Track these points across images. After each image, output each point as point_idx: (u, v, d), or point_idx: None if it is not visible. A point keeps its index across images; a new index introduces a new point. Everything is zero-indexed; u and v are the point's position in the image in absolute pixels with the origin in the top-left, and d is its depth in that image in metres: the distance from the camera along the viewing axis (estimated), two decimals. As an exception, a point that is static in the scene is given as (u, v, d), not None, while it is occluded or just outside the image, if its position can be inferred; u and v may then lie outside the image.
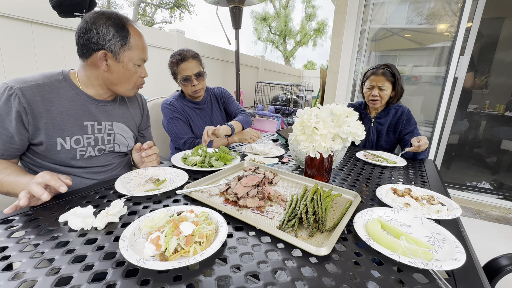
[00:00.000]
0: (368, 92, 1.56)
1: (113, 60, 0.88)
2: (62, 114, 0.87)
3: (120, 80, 0.93)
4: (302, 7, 18.56)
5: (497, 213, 2.52)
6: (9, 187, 0.76)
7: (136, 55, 0.91)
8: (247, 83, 6.33)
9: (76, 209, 0.62)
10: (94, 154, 0.96)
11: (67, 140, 0.88)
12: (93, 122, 0.95)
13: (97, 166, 0.98)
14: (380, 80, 1.50)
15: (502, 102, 2.87)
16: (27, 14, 2.28)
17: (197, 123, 1.55)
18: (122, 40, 0.87)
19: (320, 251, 0.52)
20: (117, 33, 0.85)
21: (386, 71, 1.50)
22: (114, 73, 0.90)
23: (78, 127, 0.91)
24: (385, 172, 1.14)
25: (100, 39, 0.84)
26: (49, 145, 0.86)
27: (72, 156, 0.90)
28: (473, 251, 0.59)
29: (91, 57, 0.87)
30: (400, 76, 1.52)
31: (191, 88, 1.46)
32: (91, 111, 0.95)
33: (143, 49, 0.94)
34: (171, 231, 0.52)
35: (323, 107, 0.92)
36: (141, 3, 13.73)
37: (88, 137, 0.94)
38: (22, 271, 0.46)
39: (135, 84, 0.98)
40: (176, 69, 1.44)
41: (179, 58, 1.42)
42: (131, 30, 0.89)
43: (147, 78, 1.02)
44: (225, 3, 3.47)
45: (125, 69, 0.91)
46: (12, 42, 2.22)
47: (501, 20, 2.91)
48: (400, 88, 1.52)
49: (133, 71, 0.93)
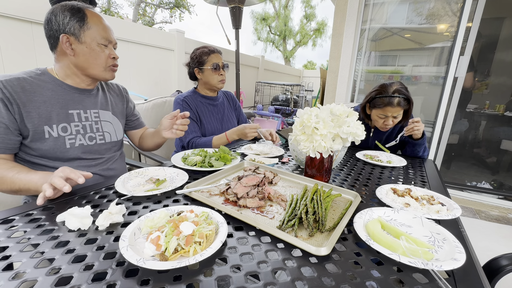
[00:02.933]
0: (381, 121, 1.39)
1: (76, 42, 0.90)
2: (45, 103, 0.89)
3: (88, 62, 0.94)
4: (301, 7, 18.54)
5: (497, 213, 2.52)
6: (21, 184, 0.78)
7: (97, 34, 0.93)
8: (247, 83, 6.33)
9: (73, 209, 0.62)
10: (86, 142, 0.97)
11: (54, 128, 0.90)
12: (78, 110, 0.96)
13: (87, 159, 0.98)
14: (396, 111, 1.33)
15: (502, 102, 2.87)
16: (27, 14, 2.28)
17: (208, 120, 1.58)
18: (80, 21, 0.90)
19: (320, 251, 0.52)
20: (73, 15, 0.89)
21: (401, 99, 1.31)
22: (80, 55, 0.92)
23: (64, 115, 0.93)
24: (385, 172, 1.14)
25: (60, 24, 0.88)
26: (36, 134, 0.87)
27: (61, 144, 0.91)
28: (473, 251, 0.59)
29: (58, 46, 0.91)
30: (411, 98, 1.36)
31: (218, 77, 1.54)
32: (74, 100, 0.96)
33: (105, 29, 0.95)
34: (171, 231, 0.53)
35: (323, 107, 0.92)
36: (141, 3, 13.72)
37: (76, 125, 0.95)
38: (22, 271, 0.46)
39: (106, 64, 0.98)
40: (206, 58, 1.51)
41: (212, 49, 1.54)
42: (87, 12, 0.92)
43: (147, 78, 1.03)
44: (225, 3, 3.47)
45: (89, 49, 0.92)
46: (12, 42, 2.22)
47: (501, 20, 2.91)
48: (411, 110, 1.40)
49: (99, 50, 0.95)
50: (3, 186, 0.79)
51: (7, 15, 2.16)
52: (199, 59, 1.52)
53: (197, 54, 1.53)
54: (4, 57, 2.18)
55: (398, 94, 1.31)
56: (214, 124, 1.59)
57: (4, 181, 0.79)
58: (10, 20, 2.20)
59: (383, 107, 1.34)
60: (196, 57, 1.53)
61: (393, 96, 1.31)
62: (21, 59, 2.29)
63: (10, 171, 0.79)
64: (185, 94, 1.56)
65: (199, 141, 1.45)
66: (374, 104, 1.39)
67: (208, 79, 1.55)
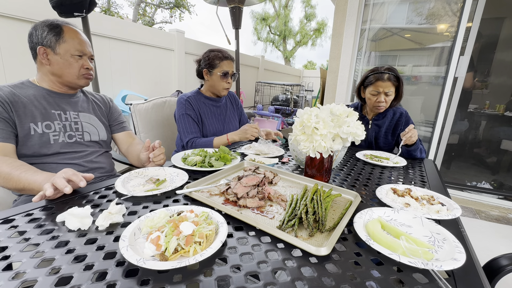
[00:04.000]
0: (373, 98, 1.50)
1: (52, 53, 1.01)
2: (30, 104, 0.98)
3: (62, 70, 1.04)
4: (302, 7, 18.55)
5: (497, 213, 2.52)
6: (25, 183, 0.81)
7: (71, 46, 1.03)
8: (247, 83, 6.34)
9: (73, 209, 0.62)
10: (66, 140, 1.04)
11: (39, 125, 0.98)
12: (59, 111, 1.05)
13: (71, 152, 1.05)
14: (386, 85, 1.44)
15: (502, 102, 2.87)
16: (27, 14, 2.28)
17: (210, 121, 1.58)
18: (56, 35, 1.01)
19: (320, 251, 0.52)
20: (51, 30, 1.00)
21: (391, 75, 1.45)
22: (55, 65, 1.02)
23: (47, 114, 1.01)
24: (385, 172, 1.14)
25: (39, 38, 1.00)
26: (23, 131, 0.95)
27: (46, 140, 0.98)
28: (473, 251, 0.59)
29: (37, 56, 1.02)
30: (401, 77, 1.50)
31: (224, 84, 1.55)
32: (55, 102, 1.05)
33: (80, 43, 1.05)
34: (171, 231, 0.53)
35: (323, 107, 0.92)
36: (141, 3, 13.72)
37: (58, 123, 1.03)
38: (22, 271, 0.46)
39: (79, 73, 1.07)
40: (218, 63, 1.50)
41: (226, 55, 1.53)
42: (64, 28, 1.03)
43: (147, 78, 1.05)
44: (225, 3, 3.47)
45: (63, 59, 1.03)
46: (12, 42, 2.22)
47: (501, 20, 2.91)
48: (402, 91, 1.50)
49: (72, 61, 1.04)
50: (9, 183, 0.82)
51: (7, 15, 2.16)
52: (211, 62, 1.52)
53: (211, 56, 1.52)
54: (4, 57, 2.18)
55: (388, 71, 1.46)
56: (215, 125, 1.59)
57: (11, 179, 0.81)
58: (10, 20, 2.20)
59: (375, 82, 1.48)
60: (209, 58, 1.52)
61: (383, 72, 1.46)
62: (21, 59, 2.28)
63: (17, 169, 0.83)
64: (188, 94, 1.56)
65: (200, 141, 1.45)
66: (367, 82, 1.53)
67: (214, 83, 1.54)
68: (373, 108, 1.54)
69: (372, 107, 1.55)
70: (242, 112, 1.82)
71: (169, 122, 1.74)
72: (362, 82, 1.57)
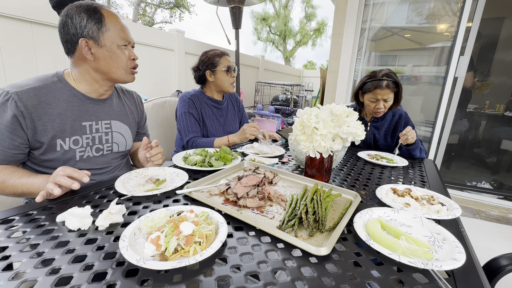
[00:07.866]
0: (372, 105, 1.48)
1: (96, 46, 0.86)
2: (60, 115, 0.86)
3: (109, 66, 0.90)
4: (302, 7, 18.55)
5: (497, 213, 2.52)
6: (23, 188, 0.78)
7: (116, 35, 0.89)
8: (247, 83, 6.34)
9: (73, 209, 0.62)
10: (92, 154, 0.95)
11: (66, 141, 0.88)
12: (91, 122, 0.94)
13: (95, 169, 0.97)
14: (385, 93, 1.42)
15: (502, 102, 2.87)
16: (27, 14, 2.28)
17: (211, 122, 1.58)
18: (98, 23, 0.85)
19: (320, 251, 0.52)
20: (90, 17, 0.84)
21: (390, 82, 1.41)
22: (101, 60, 0.88)
23: (77, 127, 0.91)
24: (385, 172, 1.14)
25: (77, 28, 0.83)
26: (48, 147, 0.86)
27: (71, 157, 0.90)
28: (473, 251, 0.59)
29: (76, 51, 0.87)
30: (400, 82, 1.48)
31: (230, 79, 1.55)
32: (88, 111, 0.94)
33: (123, 29, 0.91)
34: (171, 231, 0.52)
35: (323, 107, 0.92)
36: (141, 3, 13.72)
37: (87, 137, 0.93)
38: (22, 271, 0.46)
39: (127, 67, 0.95)
40: (218, 60, 1.51)
41: (222, 51, 1.55)
42: (103, 12, 0.87)
43: (147, 78, 1.03)
44: (225, 3, 3.47)
45: (110, 52, 0.88)
46: (12, 42, 2.22)
47: (501, 20, 2.91)
48: (401, 95, 1.48)
49: (120, 52, 0.91)
50: (6, 191, 0.80)
51: (7, 15, 2.16)
52: (212, 61, 1.51)
53: (209, 56, 1.52)
54: (4, 57, 2.18)
55: (386, 77, 1.42)
56: (216, 126, 1.59)
57: (6, 187, 0.79)
58: (10, 20, 2.20)
59: (373, 90, 1.44)
60: (208, 59, 1.52)
61: (381, 79, 1.42)
62: (21, 59, 2.29)
63: (11, 177, 0.79)
64: (192, 92, 1.55)
65: (200, 141, 1.45)
66: (365, 89, 1.50)
67: (221, 81, 1.54)
68: (372, 113, 1.54)
69: (370, 113, 1.55)
70: (243, 114, 1.82)
71: (169, 122, 1.74)
72: (360, 87, 1.54)
